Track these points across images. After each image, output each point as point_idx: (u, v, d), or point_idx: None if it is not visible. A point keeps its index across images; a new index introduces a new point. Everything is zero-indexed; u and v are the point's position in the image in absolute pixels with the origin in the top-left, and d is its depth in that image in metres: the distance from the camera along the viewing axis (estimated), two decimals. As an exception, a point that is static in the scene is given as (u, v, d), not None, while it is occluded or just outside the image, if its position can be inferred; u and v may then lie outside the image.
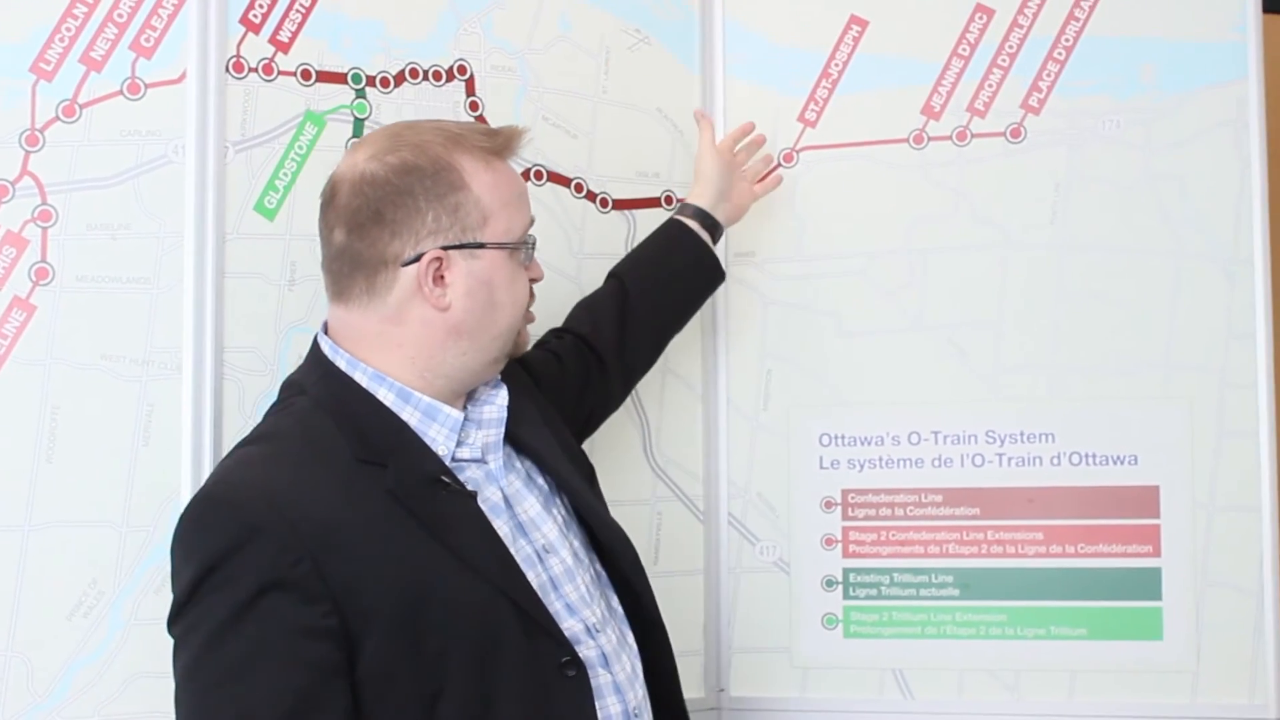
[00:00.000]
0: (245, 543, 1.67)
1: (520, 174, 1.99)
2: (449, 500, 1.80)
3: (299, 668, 1.65)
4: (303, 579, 1.67)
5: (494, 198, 1.86)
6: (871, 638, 2.56)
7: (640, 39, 2.59)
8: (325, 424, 1.82)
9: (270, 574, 1.66)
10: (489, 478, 1.90)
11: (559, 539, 1.91)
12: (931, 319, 2.57)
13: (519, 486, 1.93)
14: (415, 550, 1.74)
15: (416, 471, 1.80)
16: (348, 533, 1.71)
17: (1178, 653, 2.47)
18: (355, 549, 1.70)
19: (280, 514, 1.68)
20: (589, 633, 1.87)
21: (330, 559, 1.68)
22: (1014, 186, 2.55)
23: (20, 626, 2.06)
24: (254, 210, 2.23)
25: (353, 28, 2.32)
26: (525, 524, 1.90)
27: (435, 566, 1.75)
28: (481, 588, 1.76)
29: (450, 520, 1.79)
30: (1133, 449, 2.50)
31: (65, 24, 2.13)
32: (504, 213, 1.87)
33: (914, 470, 2.56)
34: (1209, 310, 2.48)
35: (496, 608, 1.77)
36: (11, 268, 2.09)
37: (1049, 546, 2.51)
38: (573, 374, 2.27)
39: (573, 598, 1.88)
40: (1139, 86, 2.52)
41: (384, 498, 1.76)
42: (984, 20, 2.57)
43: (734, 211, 2.52)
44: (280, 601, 1.66)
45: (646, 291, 2.38)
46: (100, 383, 2.12)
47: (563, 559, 1.90)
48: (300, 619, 1.66)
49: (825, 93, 2.62)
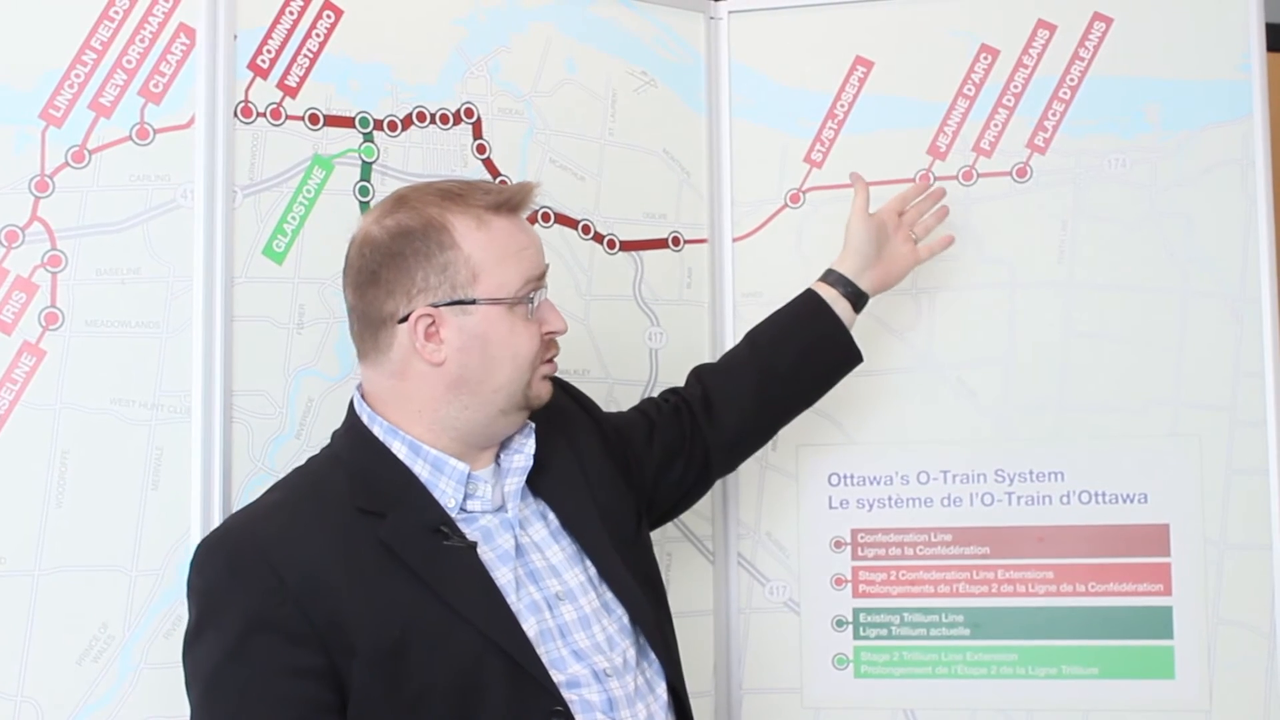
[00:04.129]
0: (231, 584, 1.79)
1: (529, 226, 2.01)
2: (445, 551, 1.85)
3: (286, 707, 1.75)
4: (286, 620, 1.76)
5: (486, 254, 1.91)
6: (882, 678, 2.55)
7: (646, 81, 2.60)
8: (337, 475, 1.92)
9: (256, 615, 1.76)
10: (504, 525, 1.94)
11: (581, 586, 1.96)
12: (940, 358, 2.57)
13: (544, 535, 1.98)
14: (401, 597, 1.81)
15: (415, 522, 1.86)
16: (332, 577, 1.79)
17: (1191, 691, 2.46)
18: (339, 593, 1.78)
19: (264, 557, 1.79)
20: (597, 677, 1.89)
21: (314, 601, 1.77)
22: (1021, 226, 2.56)
23: (30, 671, 2.06)
24: (262, 254, 2.24)
25: (360, 71, 2.33)
26: (538, 571, 1.94)
27: (421, 613, 1.81)
28: (469, 635, 1.82)
29: (444, 570, 1.84)
30: (1142, 487, 2.50)
31: (75, 70, 2.15)
32: (498, 269, 1.91)
33: (923, 509, 2.56)
34: (1217, 348, 2.48)
35: (483, 655, 1.81)
36: (21, 312, 2.10)
37: (1059, 585, 2.50)
38: (662, 442, 2.27)
39: (583, 644, 1.91)
40: (1144, 125, 2.53)
41: (377, 546, 1.83)
42: (989, 60, 2.58)
43: (885, 278, 2.42)
44: (266, 642, 1.76)
45: (772, 370, 2.34)
46: (110, 427, 2.13)
47: (579, 606, 1.94)
48: (287, 659, 1.76)
49: (831, 133, 2.62)
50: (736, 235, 2.64)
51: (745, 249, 2.64)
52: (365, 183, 2.32)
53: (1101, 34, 2.55)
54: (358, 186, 2.31)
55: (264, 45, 2.26)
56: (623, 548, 2.06)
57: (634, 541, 2.11)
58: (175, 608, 2.13)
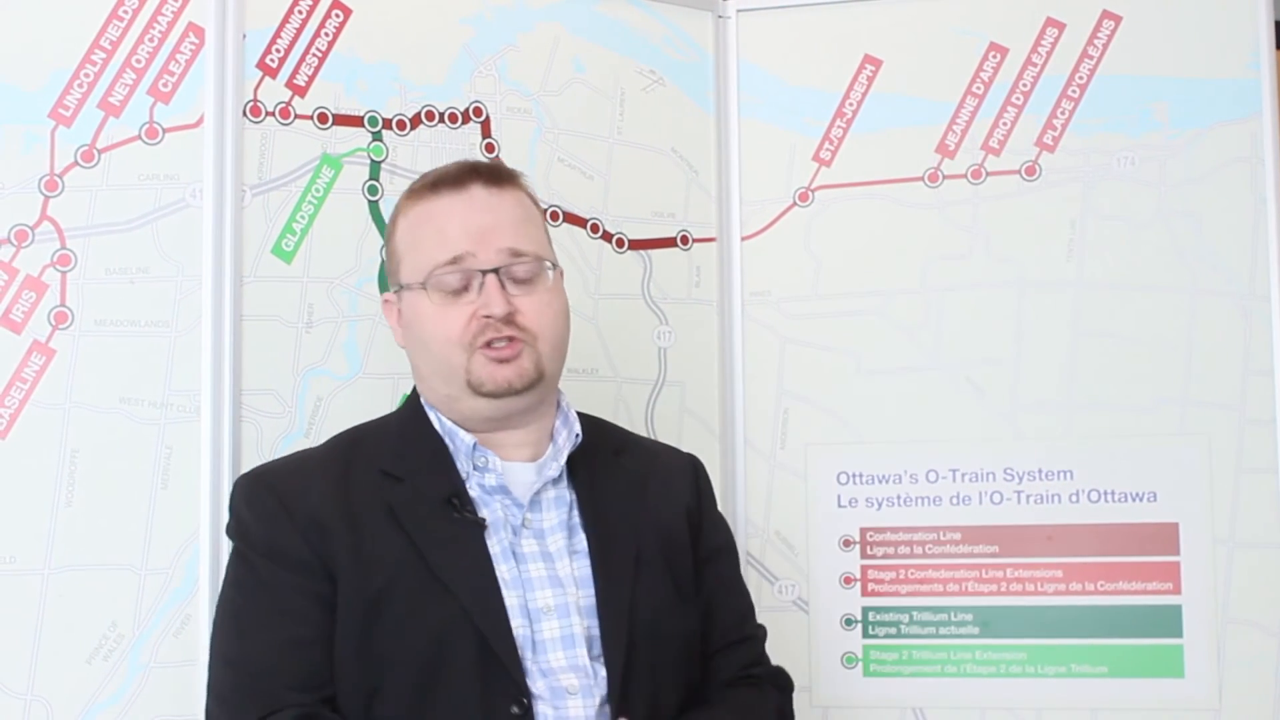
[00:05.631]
0: (247, 514, 1.92)
1: (485, 203, 1.96)
2: (449, 521, 1.89)
3: (292, 622, 1.85)
4: (295, 547, 1.86)
5: (405, 239, 1.99)
6: (891, 676, 2.55)
7: (655, 80, 2.60)
8: (378, 437, 2.00)
9: (267, 540, 1.88)
10: (505, 525, 1.91)
11: (576, 610, 1.89)
12: (948, 357, 2.57)
13: (560, 545, 1.93)
14: (390, 556, 1.86)
15: (429, 490, 1.91)
16: (332, 523, 1.87)
17: (1200, 690, 2.46)
18: (337, 538, 1.86)
19: (275, 494, 1.90)
20: (555, 694, 1.84)
21: (318, 538, 1.87)
22: (1029, 224, 2.55)
23: (40, 670, 2.06)
24: (271, 253, 2.25)
25: (369, 71, 2.34)
26: (529, 581, 1.90)
27: (405, 574, 1.85)
28: (448, 605, 1.83)
29: (440, 537, 1.87)
30: (1152, 486, 2.49)
31: (84, 70, 2.15)
32: (411, 253, 1.97)
33: (932, 508, 2.56)
34: (1226, 346, 2.48)
35: (457, 629, 1.83)
36: (31, 312, 2.10)
37: (1069, 584, 2.50)
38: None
39: (556, 664, 1.86)
40: (1153, 124, 2.52)
41: (383, 508, 1.89)
42: (998, 59, 2.58)
43: None
44: (276, 565, 1.87)
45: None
46: (119, 426, 2.13)
47: (567, 626, 1.88)
48: (294, 580, 1.86)
49: (840, 132, 2.62)
50: (745, 234, 2.64)
51: (754, 248, 2.64)
52: (374, 182, 2.32)
53: (1110, 32, 2.54)
54: (366, 185, 2.32)
55: (273, 44, 2.27)
56: (664, 580, 1.98)
57: (686, 588, 2.02)
58: (184, 606, 2.14)
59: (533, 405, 1.96)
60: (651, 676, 1.92)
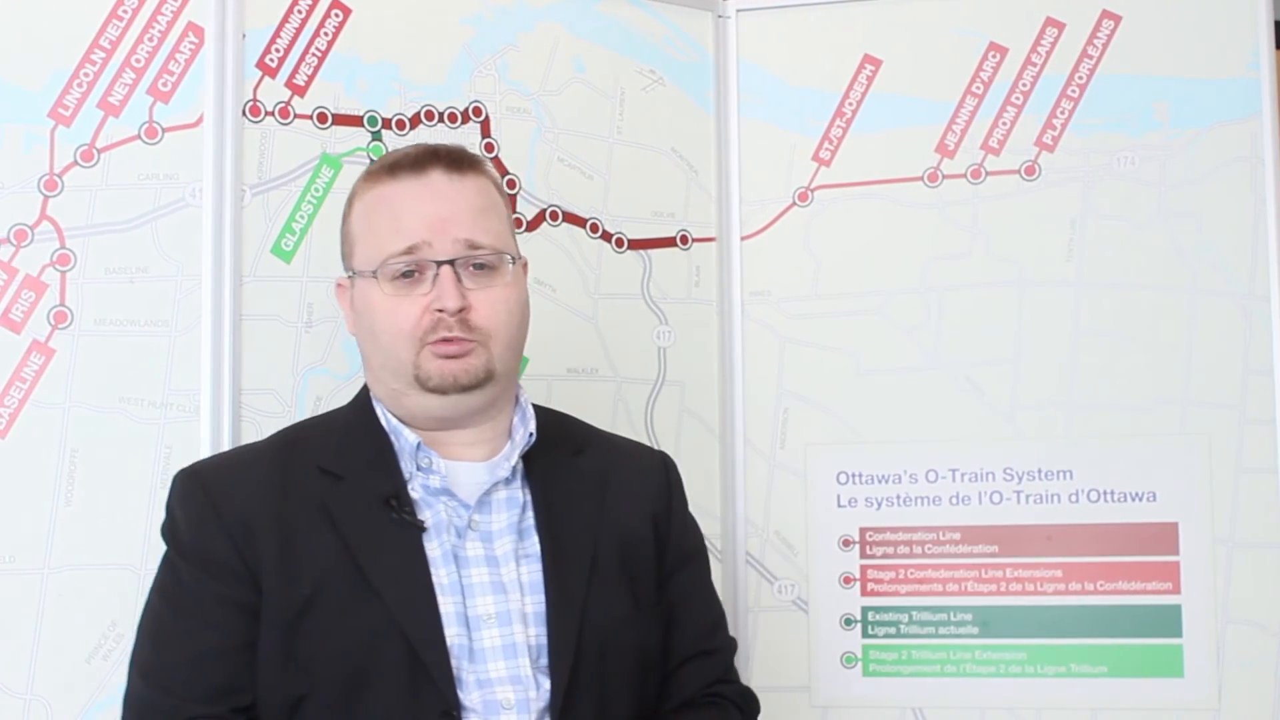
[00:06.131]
0: (178, 513, 1.84)
1: (445, 190, 1.89)
2: (386, 523, 1.80)
3: (208, 629, 1.78)
4: (218, 551, 1.79)
5: (361, 225, 1.91)
6: (891, 676, 2.55)
7: (655, 80, 2.60)
8: (322, 433, 1.93)
9: (193, 543, 1.81)
10: (448, 527, 1.83)
11: (521, 617, 1.80)
12: (948, 356, 2.57)
13: (508, 549, 1.84)
14: (321, 560, 1.78)
15: (368, 490, 1.82)
16: (261, 524, 1.79)
17: (1200, 690, 2.46)
18: (265, 544, 1.79)
19: (207, 493, 1.82)
20: (488, 708, 1.76)
21: (246, 542, 1.79)
22: (1029, 224, 2.55)
23: (40, 669, 2.07)
24: (271, 253, 2.25)
25: (368, 71, 2.34)
26: (470, 587, 1.81)
27: (335, 579, 1.77)
28: (377, 612, 1.76)
29: (375, 540, 1.79)
30: (1151, 486, 2.49)
31: (83, 70, 2.15)
32: (366, 238, 1.89)
33: (932, 508, 2.56)
34: (1226, 346, 2.48)
35: (386, 636, 1.75)
36: (30, 311, 2.10)
37: (1068, 584, 2.50)
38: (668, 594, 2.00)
39: (495, 675, 1.78)
40: (1153, 123, 2.52)
41: (319, 508, 1.81)
42: (997, 58, 2.58)
43: None
44: (198, 570, 1.79)
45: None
46: (119, 425, 2.13)
47: (508, 634, 1.79)
48: (214, 587, 1.79)
49: (840, 132, 2.62)
50: (745, 234, 2.64)
51: (753, 247, 2.64)
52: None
53: (1110, 32, 2.54)
54: (366, 185, 2.32)
55: (272, 44, 2.27)
56: (620, 588, 1.89)
57: (646, 596, 1.93)
58: (184, 606, 2.14)
59: (483, 404, 1.87)
60: (601, 690, 1.82)
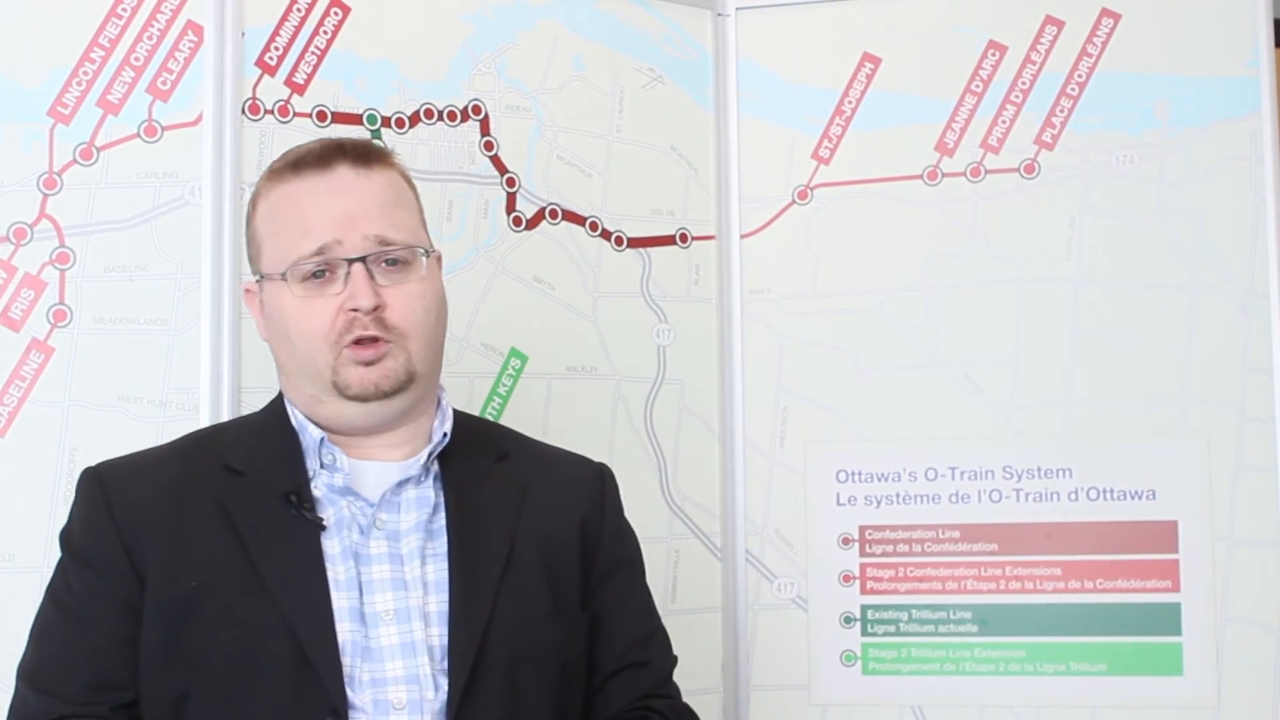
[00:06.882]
0: (75, 513, 1.79)
1: (354, 184, 1.81)
2: (284, 519, 1.74)
3: (90, 629, 1.73)
4: (105, 548, 1.74)
5: (267, 226, 1.82)
6: (890, 674, 2.55)
7: (654, 78, 2.60)
8: (236, 431, 1.88)
9: (80, 540, 1.76)
10: (351, 524, 1.77)
11: (421, 615, 1.74)
12: (947, 355, 2.57)
13: (414, 547, 1.77)
14: (212, 554, 1.73)
15: (268, 486, 1.77)
16: (153, 519, 1.74)
17: (1199, 688, 2.46)
18: (152, 539, 1.73)
19: (104, 490, 1.77)
20: (379, 708, 1.69)
21: (134, 538, 1.73)
22: (1029, 222, 2.55)
23: (38, 668, 2.06)
24: (270, 251, 2.24)
25: (367, 69, 2.33)
26: (370, 584, 1.75)
27: (224, 574, 1.72)
28: (265, 609, 1.70)
29: (269, 536, 1.74)
30: (1150, 484, 2.49)
31: (83, 68, 2.15)
32: (273, 240, 1.80)
33: (931, 506, 2.56)
34: (1225, 344, 2.48)
35: (273, 633, 1.69)
36: (30, 310, 2.10)
37: (1068, 582, 2.50)
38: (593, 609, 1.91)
39: (391, 674, 1.71)
40: (1152, 122, 2.52)
41: (216, 504, 1.76)
42: (997, 57, 2.57)
43: None
44: (83, 567, 1.75)
45: None
46: (118, 424, 2.13)
47: (407, 632, 1.73)
48: (97, 585, 1.74)
49: (839, 130, 2.62)
50: (744, 232, 2.64)
51: (753, 246, 2.64)
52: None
53: (1109, 30, 2.54)
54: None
55: (271, 42, 2.27)
56: (538, 591, 1.82)
57: (569, 603, 1.85)
58: (183, 604, 2.14)
59: (404, 409, 1.80)
60: (511, 696, 1.75)
